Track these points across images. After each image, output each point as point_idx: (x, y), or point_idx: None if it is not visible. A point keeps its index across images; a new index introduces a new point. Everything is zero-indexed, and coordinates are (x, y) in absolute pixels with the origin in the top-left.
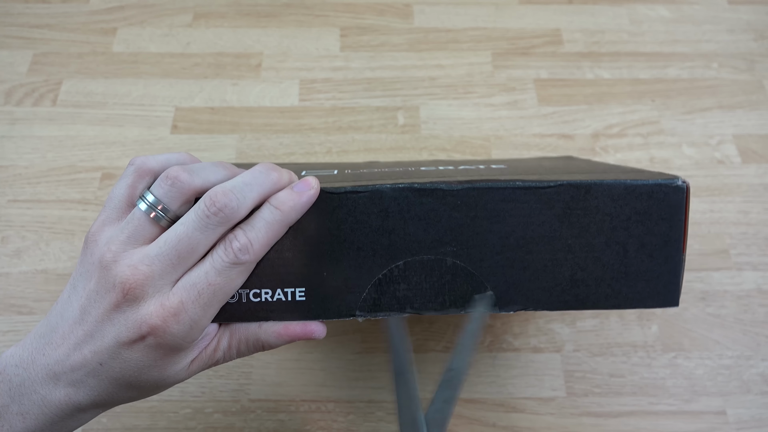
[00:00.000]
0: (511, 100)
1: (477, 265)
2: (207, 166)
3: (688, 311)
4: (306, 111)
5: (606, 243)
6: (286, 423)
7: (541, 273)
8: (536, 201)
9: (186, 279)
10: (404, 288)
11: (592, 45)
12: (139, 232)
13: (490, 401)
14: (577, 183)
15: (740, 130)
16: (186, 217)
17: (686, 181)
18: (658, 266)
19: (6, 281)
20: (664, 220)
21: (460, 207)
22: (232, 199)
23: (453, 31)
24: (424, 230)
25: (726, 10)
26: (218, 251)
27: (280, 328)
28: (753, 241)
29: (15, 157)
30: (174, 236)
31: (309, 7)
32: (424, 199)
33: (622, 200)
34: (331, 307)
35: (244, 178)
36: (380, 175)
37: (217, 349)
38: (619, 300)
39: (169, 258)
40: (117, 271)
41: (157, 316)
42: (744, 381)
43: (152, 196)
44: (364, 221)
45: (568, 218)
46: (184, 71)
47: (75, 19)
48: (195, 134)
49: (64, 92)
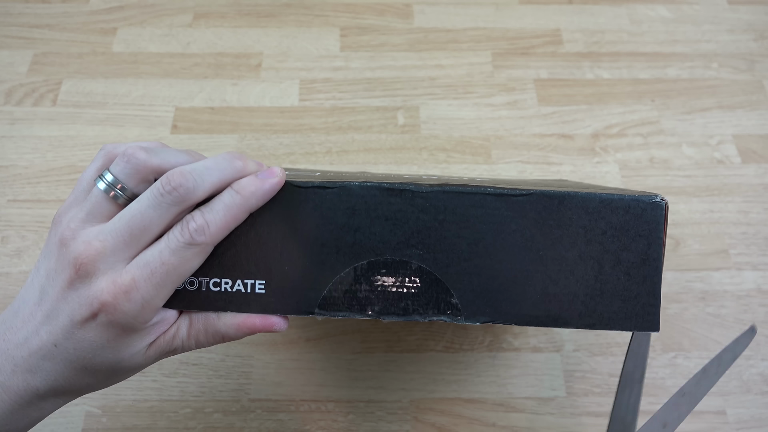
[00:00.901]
0: (511, 100)
1: (443, 271)
2: (170, 150)
3: (688, 311)
4: (306, 111)
5: (580, 257)
6: (286, 423)
7: (511, 284)
8: (507, 209)
9: (140, 257)
10: (366, 289)
11: (592, 45)
12: (96, 209)
13: (490, 401)
14: (551, 193)
15: (740, 130)
16: (142, 195)
17: (665, 199)
18: (635, 286)
19: (6, 281)
20: (642, 237)
21: (429, 209)
22: (189, 179)
23: (453, 31)
24: (390, 231)
25: (726, 10)
26: (174, 231)
27: (240, 319)
28: (753, 241)
29: (15, 157)
30: (128, 213)
31: (309, 7)
32: (392, 198)
33: (597, 213)
34: (290, 302)
35: (205, 163)
36: (359, 177)
37: (175, 336)
38: (593, 319)
39: (121, 234)
40: (72, 247)
41: (108, 293)
42: (744, 381)
43: (110, 175)
44: (329, 217)
45: (540, 229)
46: (184, 71)
47: (75, 19)
48: (195, 134)
49: (64, 92)
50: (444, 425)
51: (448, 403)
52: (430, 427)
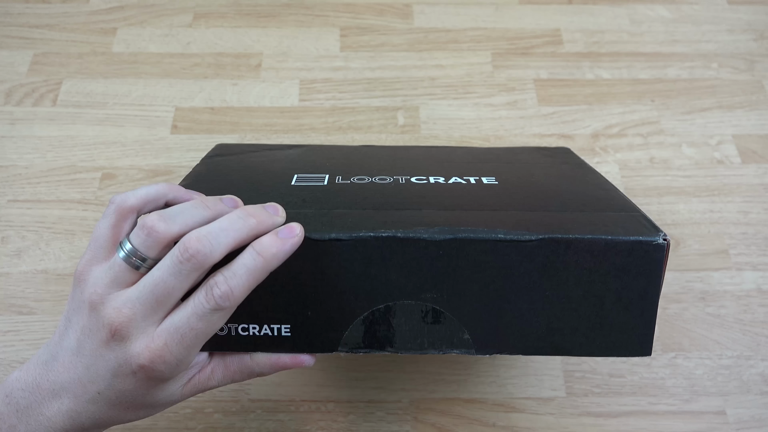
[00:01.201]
0: (511, 100)
1: (456, 311)
2: (186, 209)
3: (687, 311)
4: (306, 111)
5: (584, 296)
6: (286, 423)
7: (518, 320)
8: (517, 254)
9: (169, 321)
10: (384, 329)
11: (592, 45)
12: (120, 277)
13: (490, 401)
14: (558, 238)
15: (740, 130)
16: (162, 262)
17: (667, 237)
18: (633, 319)
19: (6, 281)
20: (642, 276)
21: (442, 257)
22: (205, 245)
23: (453, 31)
24: (405, 277)
25: (726, 10)
26: (200, 297)
27: (272, 360)
28: (753, 241)
29: (15, 157)
30: (151, 281)
31: (309, 7)
32: (406, 248)
33: (601, 256)
34: (314, 342)
35: (221, 224)
36: (370, 194)
37: (211, 377)
38: (592, 348)
39: (148, 302)
40: (104, 312)
41: (144, 357)
42: (744, 381)
43: (131, 246)
44: (347, 267)
45: (548, 271)
46: (184, 71)
47: (75, 19)
48: (195, 134)
49: (64, 92)
50: (444, 425)
51: (448, 403)
52: (430, 427)
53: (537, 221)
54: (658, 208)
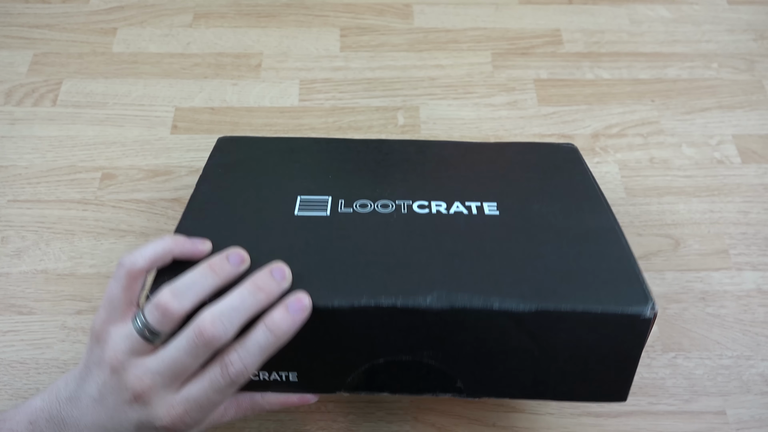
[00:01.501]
0: (511, 100)
1: (450, 366)
2: (196, 281)
3: (687, 311)
4: (306, 111)
5: (570, 357)
6: (286, 423)
7: (508, 374)
8: (511, 323)
9: (187, 392)
10: (383, 377)
11: (592, 45)
12: (136, 347)
13: (491, 401)
14: (551, 311)
15: (740, 130)
16: (178, 341)
17: (655, 308)
18: (613, 375)
19: (6, 281)
20: (627, 342)
21: (438, 323)
22: (219, 328)
23: (453, 31)
24: (404, 339)
25: (726, 10)
26: (215, 372)
27: (281, 399)
28: (753, 241)
29: (15, 157)
30: (169, 359)
31: (309, 7)
32: (405, 315)
33: (590, 326)
34: (319, 386)
35: (233, 302)
36: (372, 237)
37: (224, 415)
38: (574, 396)
39: (167, 375)
40: (126, 378)
41: (166, 421)
42: (744, 381)
43: (146, 322)
44: (349, 329)
45: (538, 337)
46: (184, 71)
47: (75, 19)
48: (195, 134)
49: (64, 92)
50: (444, 425)
51: (448, 403)
52: (430, 427)
53: (531, 283)
54: (658, 208)
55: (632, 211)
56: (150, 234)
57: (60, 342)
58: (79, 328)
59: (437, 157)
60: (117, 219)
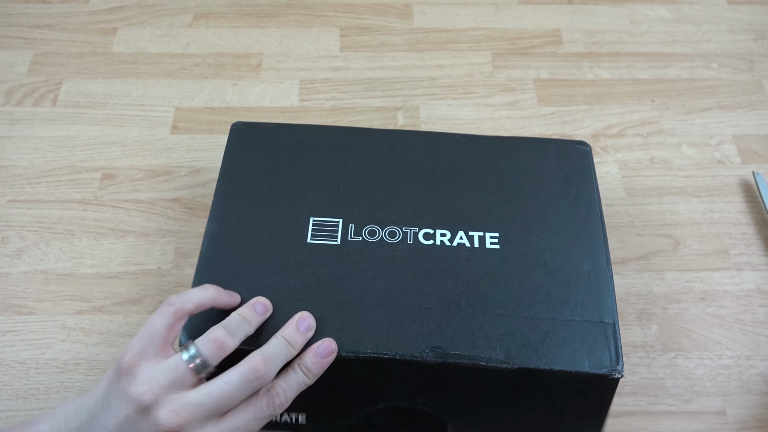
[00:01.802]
0: (511, 100)
1: (442, 412)
2: (239, 326)
3: (688, 311)
4: (306, 111)
5: (547, 408)
6: None
7: (492, 420)
8: (496, 376)
9: (229, 422)
10: (383, 420)
11: (592, 45)
12: (182, 379)
13: None
14: (530, 369)
15: (740, 130)
16: (230, 377)
17: (622, 372)
18: (585, 423)
19: (6, 281)
20: (597, 397)
21: (433, 375)
22: (270, 368)
23: (453, 31)
24: (402, 387)
25: (726, 10)
26: (261, 404)
27: None
28: (753, 241)
29: (15, 157)
30: (217, 392)
31: (309, 7)
32: (403, 366)
33: (565, 383)
34: (325, 425)
35: (278, 348)
36: (378, 275)
37: None
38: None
39: (210, 409)
40: (159, 414)
41: None
42: (744, 381)
43: (196, 351)
44: (354, 377)
45: (519, 390)
46: (184, 71)
47: (75, 19)
48: (195, 134)
49: (64, 92)
50: None
51: None
52: None
53: (517, 338)
54: (658, 208)
55: (632, 211)
56: (150, 234)
57: (60, 342)
58: (79, 328)
59: (447, 162)
60: (117, 219)
